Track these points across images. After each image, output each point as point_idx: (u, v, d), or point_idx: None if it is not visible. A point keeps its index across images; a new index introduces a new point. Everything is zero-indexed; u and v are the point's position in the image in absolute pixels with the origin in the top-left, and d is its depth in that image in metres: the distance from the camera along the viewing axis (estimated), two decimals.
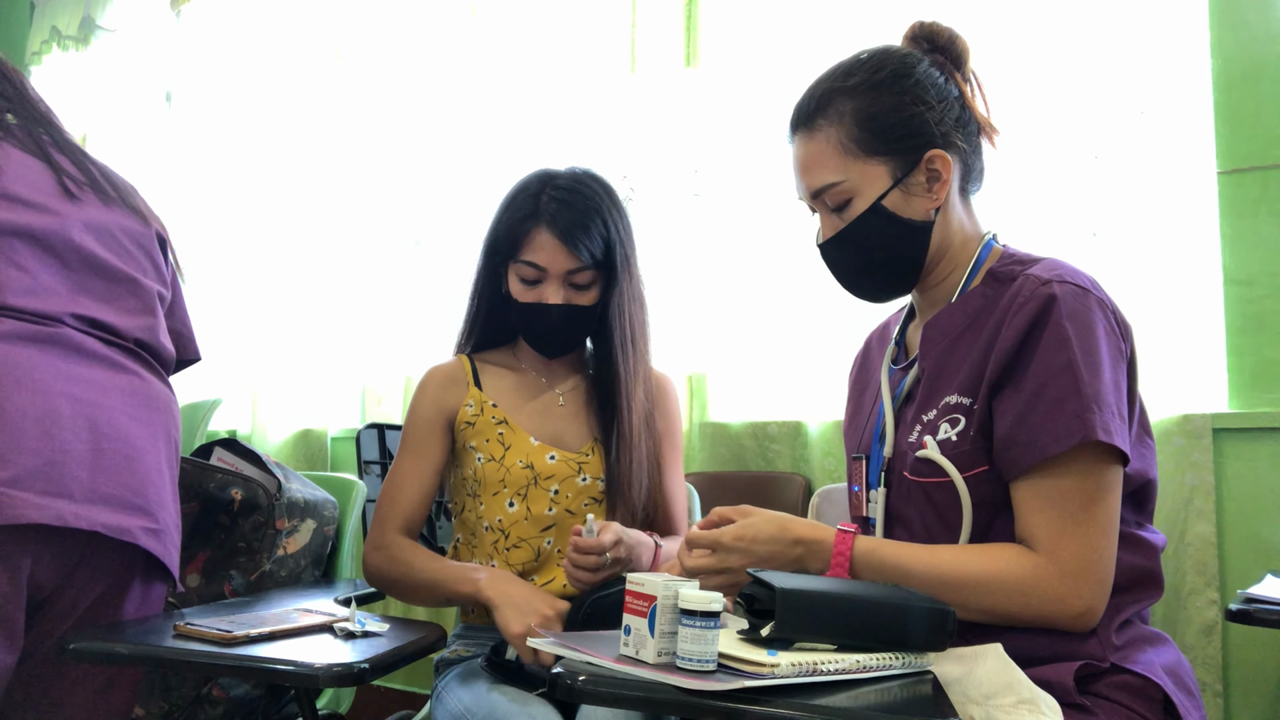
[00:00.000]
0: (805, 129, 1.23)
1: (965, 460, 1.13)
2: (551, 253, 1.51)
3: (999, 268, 1.20)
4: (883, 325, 1.46)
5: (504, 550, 1.53)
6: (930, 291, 1.27)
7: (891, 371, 1.31)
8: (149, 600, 1.45)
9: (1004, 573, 1.07)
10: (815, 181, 1.22)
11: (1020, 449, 1.08)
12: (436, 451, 1.59)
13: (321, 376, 2.99)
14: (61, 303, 1.39)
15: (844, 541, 1.12)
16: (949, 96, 1.21)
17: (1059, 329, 1.08)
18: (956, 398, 1.15)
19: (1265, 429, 1.78)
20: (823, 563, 1.13)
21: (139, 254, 1.52)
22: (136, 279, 1.49)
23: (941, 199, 1.20)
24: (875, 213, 1.19)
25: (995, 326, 1.13)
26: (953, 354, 1.19)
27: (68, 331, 1.37)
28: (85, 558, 1.35)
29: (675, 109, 2.44)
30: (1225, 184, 1.86)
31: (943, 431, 1.15)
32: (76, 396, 1.33)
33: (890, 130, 1.18)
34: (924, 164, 1.19)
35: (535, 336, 1.58)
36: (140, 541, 1.34)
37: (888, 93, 1.19)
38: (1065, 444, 1.05)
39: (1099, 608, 1.07)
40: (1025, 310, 1.10)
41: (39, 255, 1.39)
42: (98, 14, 3.64)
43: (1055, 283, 1.10)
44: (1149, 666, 1.09)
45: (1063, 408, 1.06)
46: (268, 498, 1.71)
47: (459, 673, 1.46)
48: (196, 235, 3.35)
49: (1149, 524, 1.19)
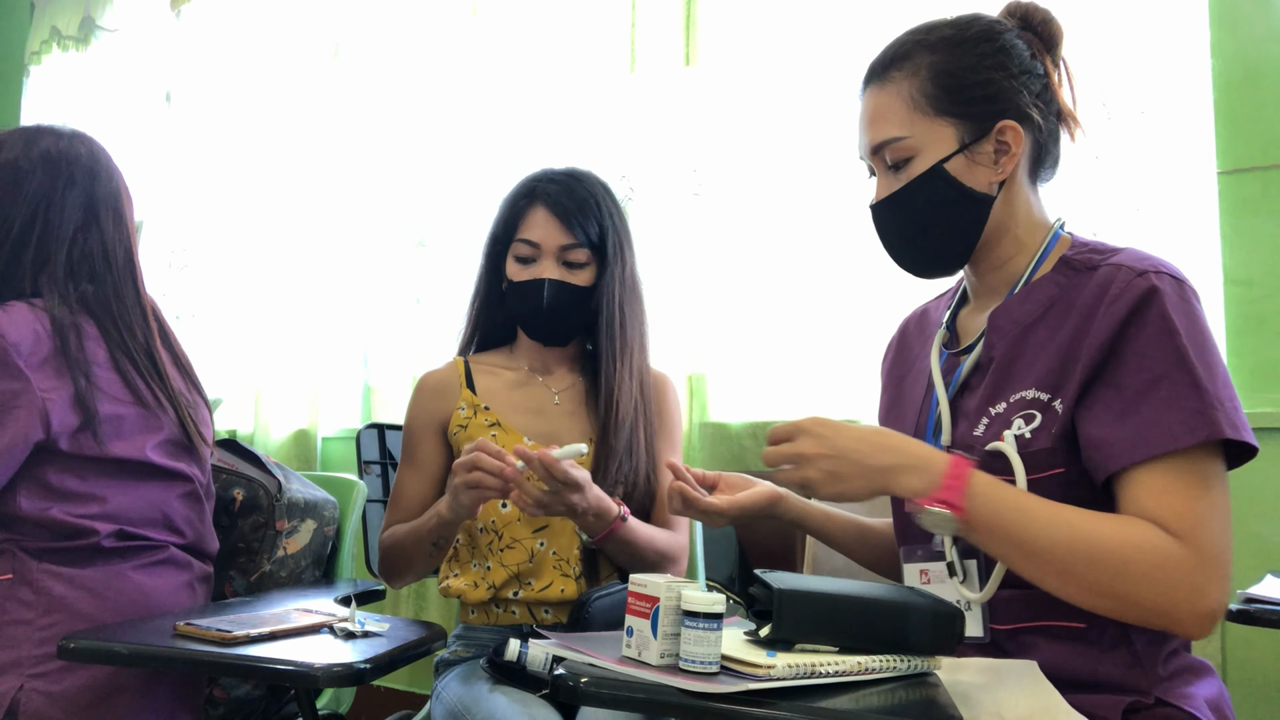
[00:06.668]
0: (878, 81, 1.17)
1: (1039, 460, 1.05)
2: (545, 228, 1.54)
3: (1074, 255, 1.12)
4: (920, 311, 1.37)
5: (498, 551, 1.52)
6: (990, 275, 1.19)
7: (944, 357, 1.22)
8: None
9: (1144, 544, 0.96)
10: (879, 135, 1.15)
11: (1129, 442, 0.99)
12: (433, 460, 1.60)
13: (322, 377, 2.99)
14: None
15: (961, 466, 1.00)
16: (1032, 71, 1.15)
17: (1165, 321, 1.00)
18: (1034, 393, 1.07)
19: (1265, 429, 1.77)
20: (927, 482, 1.00)
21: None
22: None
23: (1007, 172, 1.13)
24: (935, 175, 1.12)
25: (1082, 319, 1.05)
26: (1025, 344, 1.11)
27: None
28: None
29: (675, 109, 2.44)
30: (1225, 184, 1.86)
31: (1016, 427, 1.07)
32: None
33: (965, 91, 1.12)
34: (994, 133, 1.12)
35: (529, 316, 1.58)
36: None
37: (969, 53, 1.13)
38: (1188, 440, 0.97)
39: (1222, 613, 0.97)
40: (1122, 302, 1.03)
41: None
42: (98, 14, 3.64)
43: (1152, 274, 1.03)
44: (1193, 702, 1.03)
45: (1181, 404, 0.98)
46: (268, 498, 1.71)
47: (459, 673, 1.46)
48: (197, 235, 3.35)
49: None
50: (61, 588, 1.38)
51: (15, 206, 1.46)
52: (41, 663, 1.34)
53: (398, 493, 1.61)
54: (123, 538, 1.43)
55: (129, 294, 1.51)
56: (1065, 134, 1.19)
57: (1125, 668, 1.02)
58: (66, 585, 1.38)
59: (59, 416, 1.36)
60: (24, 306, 1.40)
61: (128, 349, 1.46)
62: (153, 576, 1.46)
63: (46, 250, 1.46)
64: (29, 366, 1.35)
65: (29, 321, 1.38)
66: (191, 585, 1.52)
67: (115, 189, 1.55)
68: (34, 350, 1.36)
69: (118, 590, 1.42)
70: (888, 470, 1.03)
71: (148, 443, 1.45)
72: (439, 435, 1.61)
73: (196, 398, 1.59)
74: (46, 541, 1.39)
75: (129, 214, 1.57)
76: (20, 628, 1.36)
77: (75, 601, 1.38)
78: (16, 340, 1.35)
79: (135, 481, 1.45)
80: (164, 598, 1.46)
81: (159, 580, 1.47)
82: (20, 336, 1.36)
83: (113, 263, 1.50)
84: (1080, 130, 1.19)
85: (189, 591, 1.51)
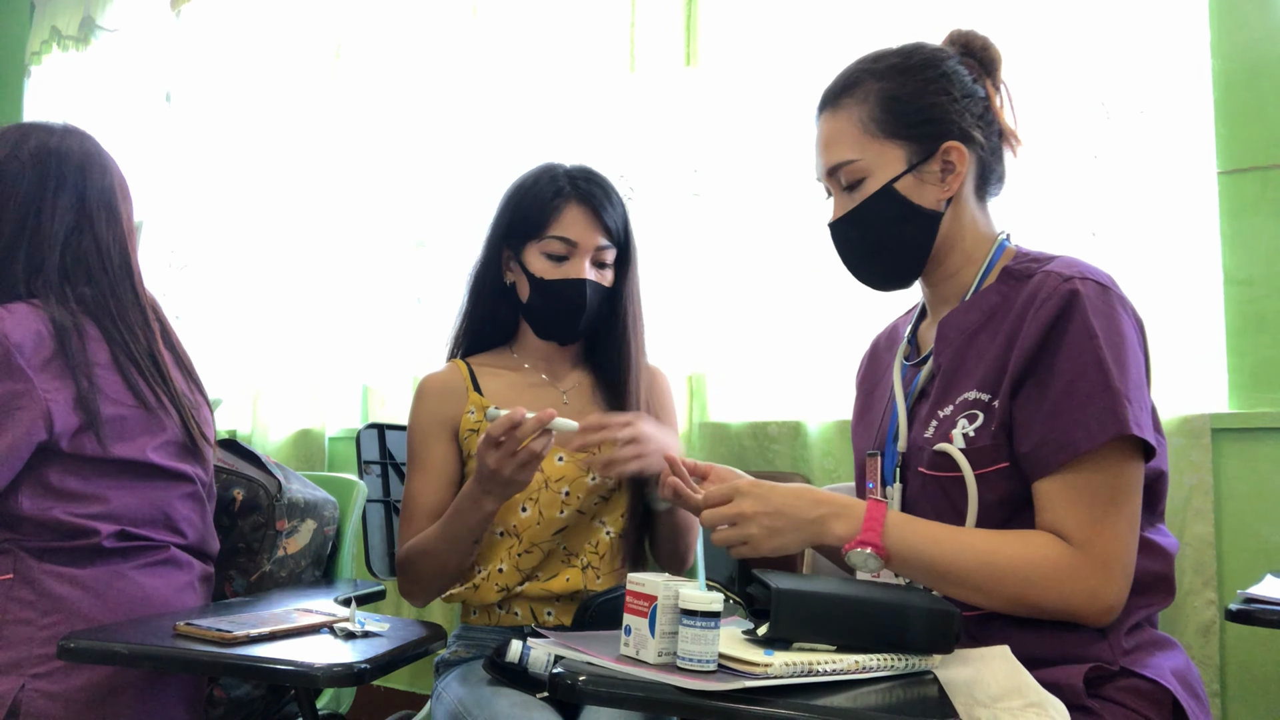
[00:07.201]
0: (830, 108, 1.26)
1: (984, 456, 1.13)
2: (584, 227, 1.52)
3: (1014, 265, 1.21)
4: (890, 326, 1.47)
5: (516, 555, 1.52)
6: (941, 287, 1.27)
7: (905, 368, 1.31)
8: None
9: (1040, 561, 1.06)
10: (832, 158, 1.24)
11: (1052, 446, 1.08)
12: (444, 462, 1.56)
13: (322, 377, 2.99)
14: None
15: (878, 509, 1.11)
16: (974, 94, 1.23)
17: (1085, 325, 1.08)
18: (975, 394, 1.15)
19: (1265, 429, 1.78)
20: (850, 528, 1.11)
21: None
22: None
23: (954, 190, 1.21)
24: (886, 194, 1.21)
25: (1015, 323, 1.13)
26: (969, 350, 1.19)
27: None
28: None
29: (675, 109, 2.44)
30: (1225, 184, 1.86)
31: (961, 427, 1.15)
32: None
33: (911, 115, 1.20)
34: (940, 154, 1.20)
35: (560, 315, 1.55)
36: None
37: (914, 79, 1.21)
38: (1099, 439, 1.06)
39: (1123, 601, 1.07)
40: (1048, 307, 1.10)
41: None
42: (98, 14, 3.64)
43: (1077, 279, 1.11)
44: (1158, 671, 1.09)
45: (1094, 403, 1.06)
46: (268, 498, 1.71)
47: (460, 673, 1.45)
48: (197, 235, 3.35)
49: (1160, 524, 1.19)
50: (62, 588, 1.38)
51: (4, 211, 1.45)
52: (42, 663, 1.34)
53: (411, 503, 1.55)
54: (124, 538, 1.43)
55: (126, 294, 1.50)
56: (1009, 152, 1.28)
57: (1089, 643, 1.09)
58: (67, 585, 1.38)
59: (61, 417, 1.36)
60: (26, 307, 1.40)
61: (130, 350, 1.45)
62: (154, 577, 1.46)
63: (39, 255, 1.45)
64: (32, 367, 1.35)
65: (32, 322, 1.38)
66: (192, 585, 1.52)
67: (108, 185, 1.53)
68: (36, 351, 1.36)
69: (119, 590, 1.42)
70: (818, 521, 1.12)
71: (149, 444, 1.45)
72: (449, 438, 1.57)
73: (198, 398, 1.59)
74: (48, 541, 1.39)
75: (124, 210, 1.55)
76: (21, 628, 1.36)
77: (76, 602, 1.38)
78: (20, 341, 1.35)
79: (137, 482, 1.45)
80: (165, 598, 1.46)
81: (160, 580, 1.47)
82: (23, 337, 1.36)
83: (108, 264, 1.49)
84: (1021, 146, 1.28)
85: (190, 592, 1.51)
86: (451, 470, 1.57)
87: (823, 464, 2.19)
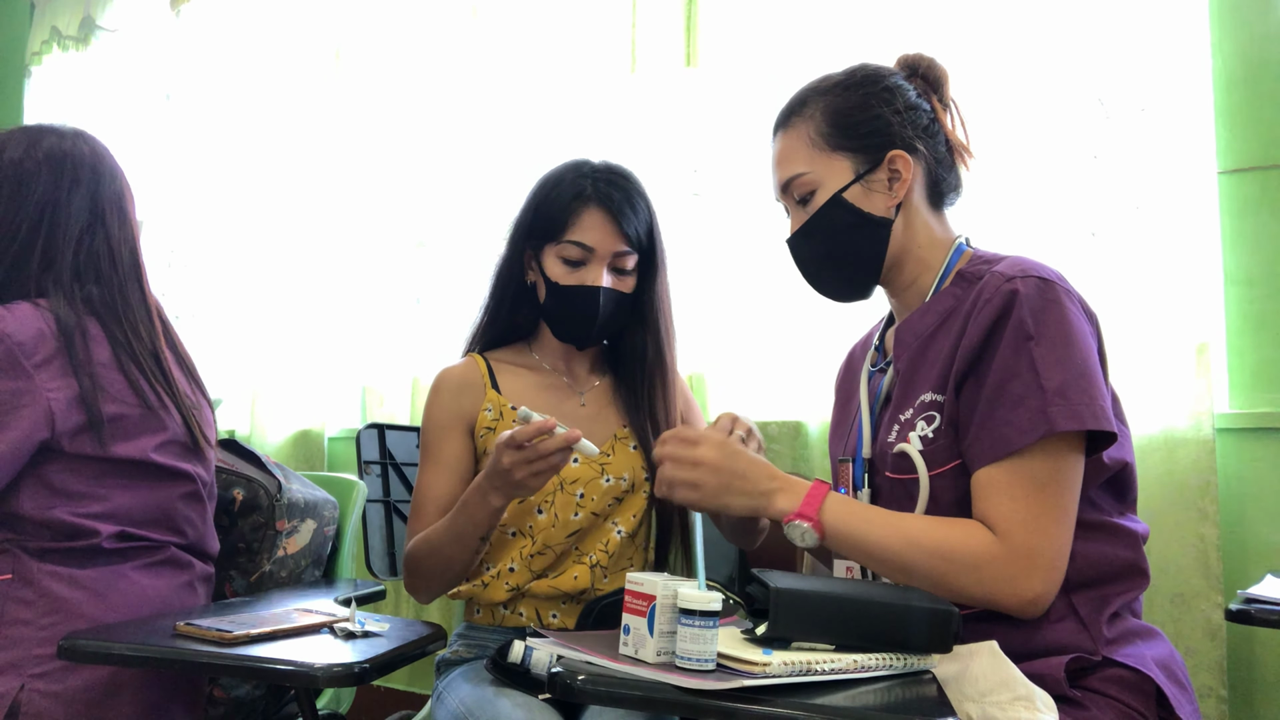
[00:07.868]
0: (782, 128, 1.32)
1: (941, 455, 1.16)
2: (601, 233, 1.50)
3: (968, 268, 1.24)
4: (865, 336, 1.51)
5: (528, 556, 1.51)
6: (902, 294, 1.31)
7: (870, 375, 1.35)
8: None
9: (962, 547, 1.09)
10: (785, 173, 1.30)
11: (986, 443, 1.11)
12: (459, 456, 1.55)
13: (321, 377, 2.99)
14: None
15: (820, 489, 1.15)
16: (919, 108, 1.28)
17: (1021, 325, 1.11)
18: (931, 395, 1.19)
19: (1265, 429, 1.77)
20: (792, 503, 1.14)
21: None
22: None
23: (901, 196, 1.25)
24: (836, 204, 1.25)
25: (963, 324, 1.17)
26: (926, 353, 1.22)
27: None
28: None
29: (675, 109, 2.44)
30: (1225, 184, 1.86)
31: (920, 429, 1.19)
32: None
33: (855, 127, 1.25)
34: (886, 163, 1.25)
35: (574, 322, 1.53)
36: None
37: (856, 93, 1.27)
38: (1030, 438, 1.08)
39: (1049, 594, 1.08)
40: (988, 308, 1.14)
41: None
42: (98, 14, 3.64)
43: (1018, 279, 1.13)
44: (1140, 659, 1.10)
45: (1025, 404, 1.09)
46: (268, 498, 1.71)
47: (461, 674, 1.45)
48: (197, 236, 3.36)
49: (1132, 513, 1.20)
50: (62, 588, 1.38)
51: (21, 209, 1.46)
52: (42, 663, 1.34)
53: (423, 497, 1.53)
54: (124, 538, 1.43)
55: (134, 294, 1.51)
56: (964, 166, 1.32)
57: (1071, 634, 1.11)
58: (67, 585, 1.39)
59: (63, 416, 1.36)
60: (29, 306, 1.40)
61: (132, 350, 1.46)
62: (154, 577, 1.46)
63: (53, 252, 1.46)
64: (34, 366, 1.36)
65: (34, 321, 1.38)
66: (192, 585, 1.52)
67: (119, 188, 1.54)
68: (38, 349, 1.37)
69: (119, 590, 1.42)
70: (768, 494, 1.16)
71: (150, 443, 1.45)
72: (465, 433, 1.56)
73: (200, 398, 1.59)
74: (48, 541, 1.39)
75: (133, 213, 1.56)
76: (21, 628, 1.36)
77: (76, 602, 1.38)
78: (22, 340, 1.35)
79: (137, 482, 1.45)
80: (165, 598, 1.47)
81: (160, 580, 1.47)
82: (26, 336, 1.36)
83: (118, 263, 1.50)
84: (972, 159, 1.32)
85: (190, 591, 1.51)
86: (465, 466, 1.55)
87: (823, 464, 2.18)
